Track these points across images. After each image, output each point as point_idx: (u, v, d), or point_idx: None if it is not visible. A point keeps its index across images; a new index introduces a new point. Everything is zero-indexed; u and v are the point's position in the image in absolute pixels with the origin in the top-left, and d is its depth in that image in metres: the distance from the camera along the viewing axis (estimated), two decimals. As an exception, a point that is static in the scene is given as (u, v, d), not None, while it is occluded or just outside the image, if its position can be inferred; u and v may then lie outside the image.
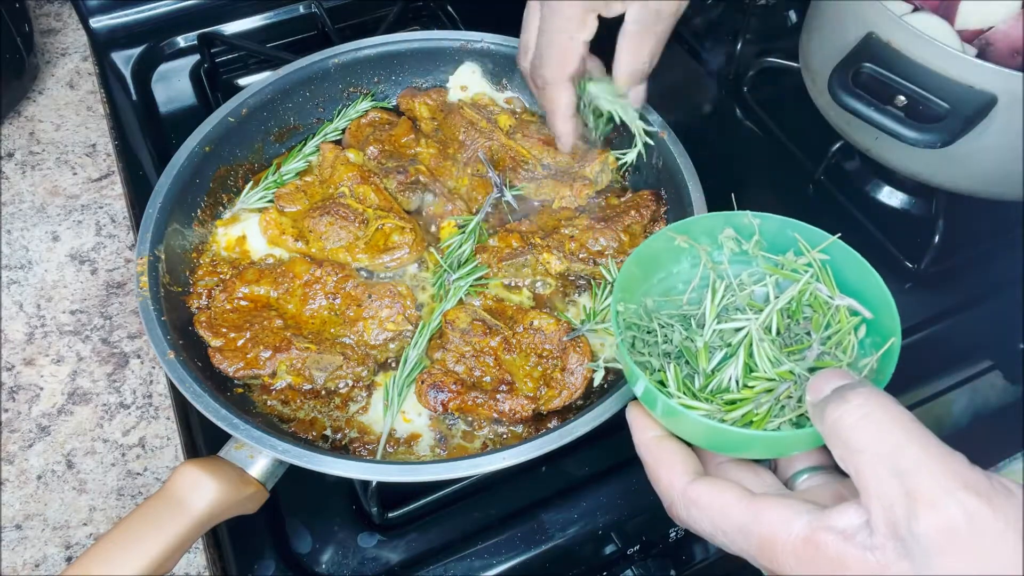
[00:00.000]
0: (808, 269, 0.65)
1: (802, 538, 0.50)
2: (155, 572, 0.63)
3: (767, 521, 0.52)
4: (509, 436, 0.79)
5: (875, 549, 0.47)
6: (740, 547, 0.54)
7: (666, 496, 0.59)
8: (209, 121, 0.92)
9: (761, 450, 0.59)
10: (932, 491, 0.45)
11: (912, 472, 0.46)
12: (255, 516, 0.71)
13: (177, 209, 0.87)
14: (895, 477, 0.46)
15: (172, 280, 0.83)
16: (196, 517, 0.65)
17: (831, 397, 0.51)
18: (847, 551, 0.48)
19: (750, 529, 0.52)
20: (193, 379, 0.72)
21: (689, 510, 0.57)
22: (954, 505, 0.44)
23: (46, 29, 1.28)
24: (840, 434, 0.50)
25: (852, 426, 0.49)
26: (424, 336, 0.82)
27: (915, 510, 0.45)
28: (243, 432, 0.69)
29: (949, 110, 0.81)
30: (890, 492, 0.46)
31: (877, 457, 0.47)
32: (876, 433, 0.48)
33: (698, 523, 0.56)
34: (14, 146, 1.12)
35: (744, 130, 1.15)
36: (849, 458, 0.49)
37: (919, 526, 0.45)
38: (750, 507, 0.53)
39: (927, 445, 0.47)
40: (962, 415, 0.88)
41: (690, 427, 0.59)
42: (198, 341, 0.82)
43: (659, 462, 0.60)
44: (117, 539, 0.63)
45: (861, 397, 0.50)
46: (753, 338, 0.62)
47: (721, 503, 0.55)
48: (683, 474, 0.58)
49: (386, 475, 0.69)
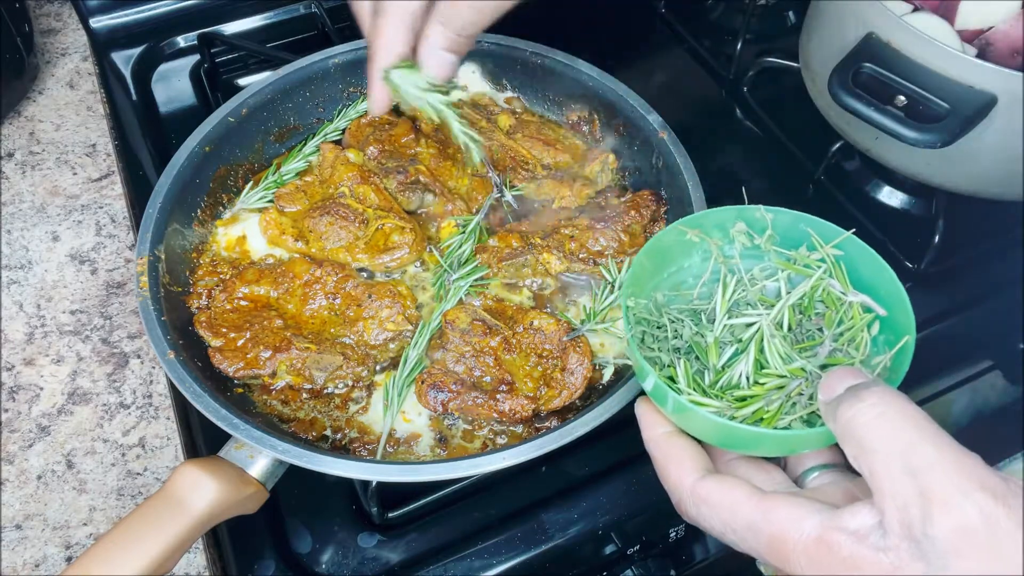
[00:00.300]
0: (821, 265, 0.65)
1: (814, 538, 0.50)
2: (155, 572, 0.63)
3: (777, 520, 0.52)
4: (509, 436, 0.79)
5: (888, 550, 0.46)
6: (750, 545, 0.53)
7: (675, 493, 0.59)
8: (209, 121, 0.92)
9: (771, 448, 0.59)
10: (947, 492, 0.45)
11: (927, 472, 0.46)
12: (255, 516, 0.71)
13: (177, 209, 0.87)
14: (909, 477, 0.46)
15: (172, 280, 0.83)
16: (196, 517, 0.65)
17: (844, 396, 0.51)
18: (860, 552, 0.48)
19: (760, 528, 0.52)
20: (193, 379, 0.72)
21: (699, 507, 0.56)
22: (970, 506, 0.44)
23: (46, 29, 1.28)
24: (854, 433, 0.49)
25: (866, 425, 0.49)
26: (424, 336, 0.82)
27: (930, 511, 0.45)
28: (243, 432, 0.69)
29: (949, 110, 0.81)
30: (904, 492, 0.46)
31: (891, 457, 0.47)
32: (890, 433, 0.48)
33: (707, 520, 0.56)
34: (14, 146, 1.12)
35: (744, 130, 1.15)
36: (863, 457, 0.49)
37: (934, 527, 0.44)
38: (760, 505, 0.53)
39: (942, 445, 0.47)
40: (962, 415, 0.88)
41: (700, 424, 0.59)
42: (198, 341, 0.82)
43: (668, 458, 0.60)
44: (117, 539, 0.63)
45: (875, 396, 0.50)
46: (764, 334, 0.61)
47: (731, 501, 0.54)
48: (692, 471, 0.58)
49: (386, 475, 0.69)
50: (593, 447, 0.82)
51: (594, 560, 0.82)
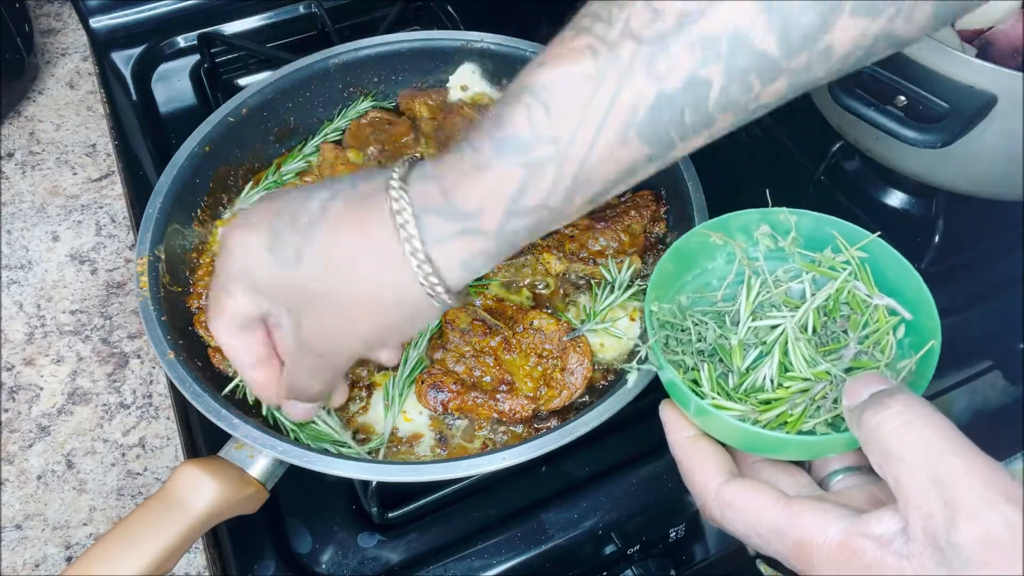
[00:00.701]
0: (846, 267, 0.65)
1: (838, 543, 0.50)
2: (155, 572, 0.63)
3: (803, 525, 0.52)
4: (509, 436, 0.79)
5: (912, 557, 0.47)
6: (775, 548, 0.54)
7: (700, 496, 0.59)
8: (209, 121, 0.92)
9: (795, 453, 0.59)
10: (973, 502, 0.45)
11: (953, 482, 0.46)
12: (255, 516, 0.71)
13: (177, 209, 0.86)
14: (935, 487, 0.46)
15: (172, 280, 0.83)
16: (196, 517, 0.65)
17: (869, 403, 0.51)
18: (883, 558, 0.48)
19: (785, 532, 0.53)
20: (193, 379, 0.72)
21: (723, 511, 0.57)
22: (995, 516, 0.44)
23: (46, 29, 1.28)
24: (879, 441, 0.50)
25: (892, 433, 0.49)
26: (424, 336, 0.82)
27: (955, 520, 0.45)
28: (243, 432, 0.69)
29: (949, 110, 0.81)
30: (930, 501, 0.46)
31: (917, 466, 0.47)
32: (916, 441, 0.48)
33: (732, 524, 0.56)
34: (14, 146, 1.12)
35: (744, 130, 1.14)
36: (887, 465, 0.49)
37: (959, 536, 0.45)
38: (786, 510, 0.53)
39: (967, 455, 0.47)
40: (962, 415, 0.88)
41: (723, 428, 0.59)
42: (198, 341, 0.82)
43: (692, 462, 0.60)
44: (117, 539, 0.63)
45: (900, 404, 0.50)
46: (789, 336, 0.61)
47: (756, 505, 0.55)
48: (717, 474, 0.58)
49: (386, 475, 0.69)
50: (593, 447, 0.82)
51: (594, 560, 0.82)
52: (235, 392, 0.79)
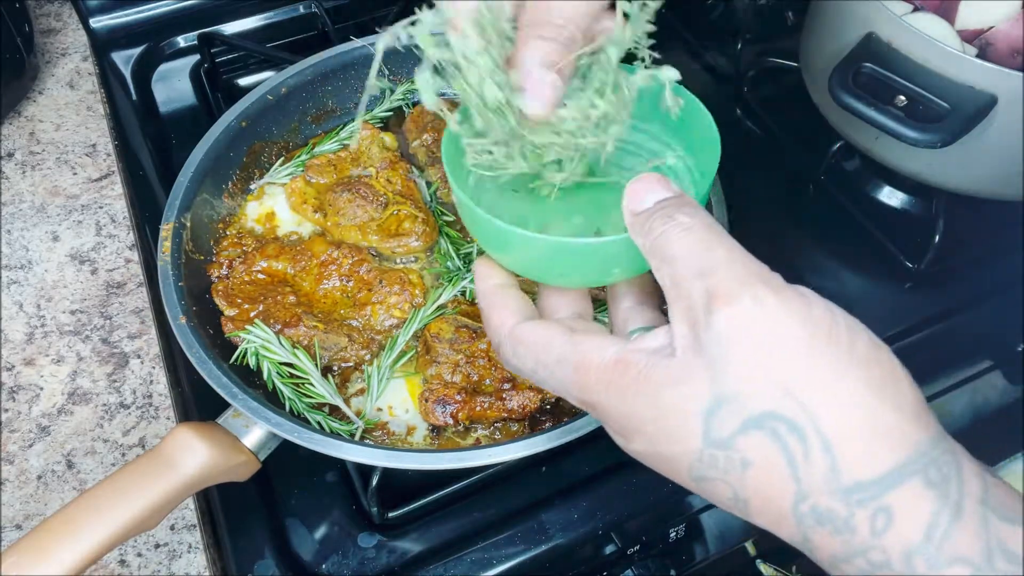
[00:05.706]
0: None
1: (612, 360, 0.50)
2: (139, 527, 0.64)
3: (584, 350, 0.52)
4: (504, 433, 0.78)
5: (675, 354, 0.47)
6: (558, 378, 0.54)
7: (495, 337, 0.59)
8: (248, 98, 0.93)
9: (580, 266, 0.58)
10: (730, 286, 0.46)
11: (714, 271, 0.47)
12: (255, 516, 0.71)
13: (208, 180, 0.87)
14: (699, 279, 0.47)
15: (195, 248, 0.84)
16: (185, 478, 0.66)
17: (656, 214, 0.51)
18: (651, 363, 0.48)
19: (568, 358, 0.53)
20: (201, 345, 0.73)
21: (516, 348, 0.57)
22: (748, 296, 0.45)
23: (46, 29, 1.28)
24: (663, 250, 0.50)
25: (673, 240, 0.49)
26: (414, 322, 0.82)
27: (711, 306, 0.46)
28: (240, 402, 0.70)
29: (949, 110, 0.81)
30: (692, 292, 0.47)
31: (688, 264, 0.48)
32: (691, 242, 0.49)
33: (523, 360, 0.56)
34: (14, 146, 1.12)
35: (744, 130, 1.15)
36: (664, 268, 0.50)
37: (714, 319, 0.45)
38: (571, 339, 0.54)
39: (733, 248, 0.48)
40: (962, 415, 0.88)
41: (485, 229, 0.58)
42: (212, 310, 0.82)
43: (493, 307, 0.60)
44: (105, 490, 0.64)
45: (687, 216, 0.50)
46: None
47: (546, 339, 0.55)
48: (515, 315, 0.58)
49: (386, 460, 0.69)
50: (593, 447, 0.82)
51: (594, 560, 0.82)
52: (240, 361, 0.79)
